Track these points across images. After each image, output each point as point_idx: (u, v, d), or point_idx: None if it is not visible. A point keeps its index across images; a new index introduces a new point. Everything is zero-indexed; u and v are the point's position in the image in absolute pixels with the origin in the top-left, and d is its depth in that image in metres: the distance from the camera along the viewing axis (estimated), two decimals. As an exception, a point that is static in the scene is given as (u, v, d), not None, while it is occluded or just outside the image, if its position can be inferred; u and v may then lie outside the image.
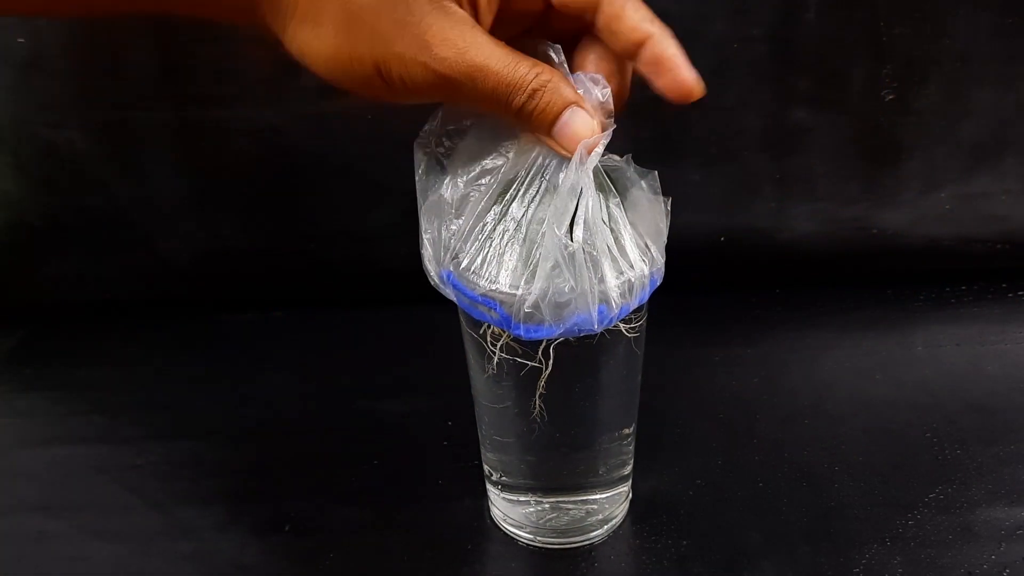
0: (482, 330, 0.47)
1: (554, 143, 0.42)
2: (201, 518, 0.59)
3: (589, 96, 0.42)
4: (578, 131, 0.41)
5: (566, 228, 0.42)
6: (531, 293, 0.42)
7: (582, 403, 0.51)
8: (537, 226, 0.43)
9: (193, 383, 0.73)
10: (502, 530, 0.58)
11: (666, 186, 0.74)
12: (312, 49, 0.41)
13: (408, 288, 0.64)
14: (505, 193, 0.44)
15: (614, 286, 0.44)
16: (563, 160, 0.43)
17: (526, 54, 0.41)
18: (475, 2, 0.41)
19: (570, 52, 0.44)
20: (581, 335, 0.44)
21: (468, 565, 0.56)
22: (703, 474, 0.61)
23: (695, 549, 0.56)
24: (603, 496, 0.56)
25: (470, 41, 0.39)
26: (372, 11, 0.39)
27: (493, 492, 0.58)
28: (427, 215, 0.46)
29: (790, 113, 0.73)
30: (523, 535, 0.57)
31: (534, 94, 0.40)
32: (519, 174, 0.44)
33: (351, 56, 0.40)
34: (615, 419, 0.54)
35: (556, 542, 0.57)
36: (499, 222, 0.44)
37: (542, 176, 0.44)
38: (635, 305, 0.46)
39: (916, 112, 0.72)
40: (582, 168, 0.42)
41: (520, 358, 0.47)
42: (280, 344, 0.77)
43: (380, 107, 0.69)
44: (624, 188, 0.46)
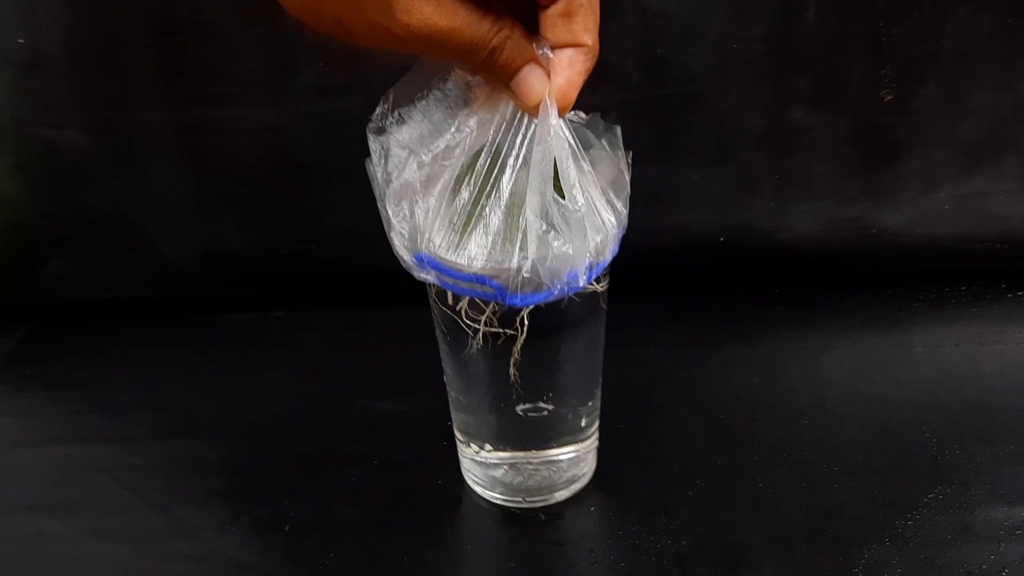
0: (459, 307, 0.48)
1: (511, 94, 0.43)
2: (201, 518, 0.59)
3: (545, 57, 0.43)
4: (534, 86, 0.43)
5: (551, 191, 0.43)
6: (527, 260, 0.43)
7: (557, 364, 0.52)
8: (514, 195, 0.44)
9: (193, 383, 0.73)
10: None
11: (666, 186, 0.75)
12: None
13: (407, 287, 0.64)
14: (472, 166, 0.45)
15: (597, 242, 0.45)
16: (527, 124, 0.44)
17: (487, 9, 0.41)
18: None
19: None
20: (568, 295, 0.45)
21: (468, 565, 0.56)
22: (703, 474, 0.61)
23: (695, 549, 0.56)
24: (574, 454, 0.58)
25: (435, 5, 0.39)
26: None
27: (466, 455, 0.59)
28: (393, 200, 0.46)
29: (789, 113, 0.73)
30: (495, 496, 0.59)
31: (494, 51, 0.41)
32: (484, 146, 0.44)
33: (317, 7, 0.40)
34: (589, 376, 0.56)
35: (530, 501, 0.58)
36: (474, 196, 0.45)
37: (510, 144, 0.44)
38: (611, 259, 0.47)
39: (915, 112, 0.73)
40: (558, 128, 0.43)
41: (498, 328, 0.48)
42: (280, 343, 0.78)
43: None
44: (587, 145, 0.47)
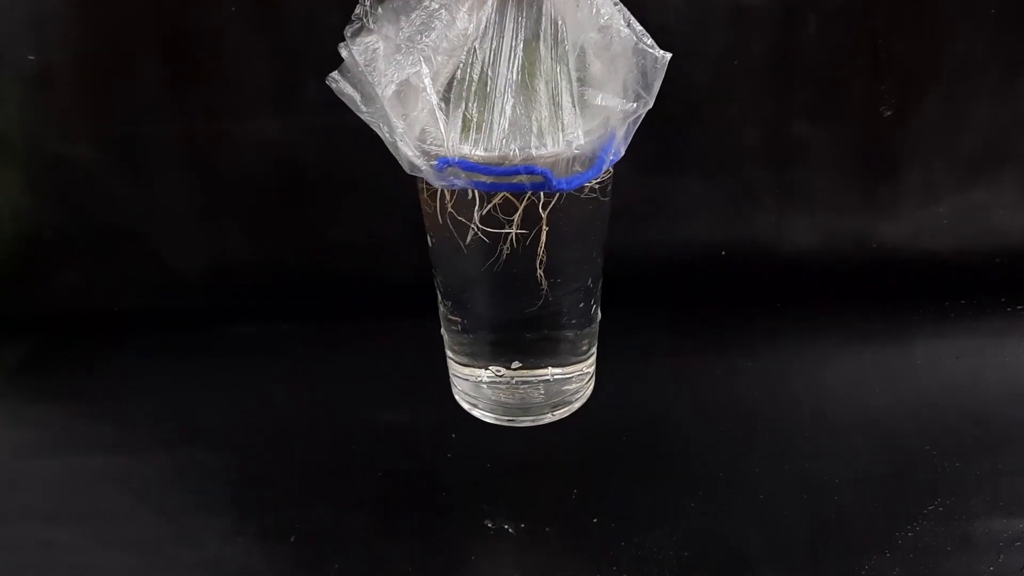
0: (485, 211, 0.46)
1: None
2: (208, 527, 0.60)
3: None
4: None
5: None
6: (576, 138, 0.42)
7: (572, 259, 0.52)
8: (536, 75, 0.42)
9: (200, 393, 0.73)
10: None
11: (667, 199, 0.76)
12: None
13: (413, 299, 0.65)
14: (480, 54, 0.42)
15: (628, 108, 0.45)
16: (535, 4, 0.41)
17: None
18: None
19: None
20: (611, 166, 0.45)
21: (472, 575, 0.56)
22: (704, 484, 0.62)
23: (697, 559, 0.56)
24: (576, 367, 0.58)
25: None
26: None
27: (457, 365, 0.59)
28: (397, 105, 0.42)
29: (790, 126, 0.74)
30: (487, 414, 0.59)
31: None
32: (488, 30, 0.42)
33: None
34: (594, 269, 0.55)
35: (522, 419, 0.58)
36: (492, 85, 0.42)
37: (519, 21, 0.42)
38: (630, 137, 0.46)
39: (914, 126, 0.73)
40: (589, 14, 0.42)
41: (519, 228, 0.47)
42: (286, 355, 0.78)
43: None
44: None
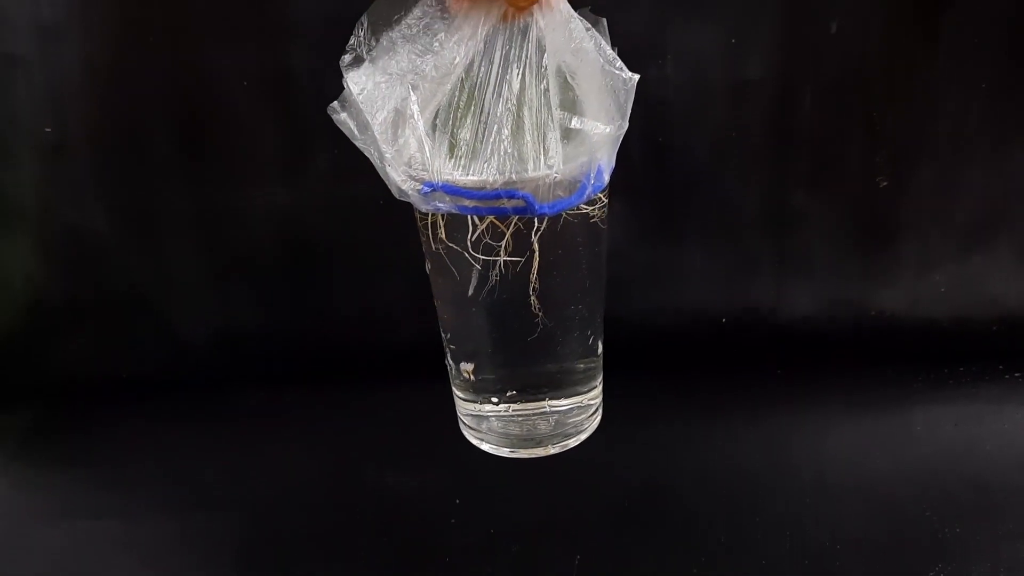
0: (475, 236, 0.46)
1: None
2: (213, 592, 0.60)
3: None
4: None
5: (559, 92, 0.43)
6: (555, 162, 0.43)
7: (565, 287, 0.51)
8: (522, 102, 0.43)
9: (207, 458, 0.73)
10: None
11: (668, 267, 0.77)
12: None
13: (417, 364, 0.66)
14: (468, 82, 0.43)
15: (614, 137, 0.45)
16: (521, 27, 0.42)
17: None
18: None
19: None
20: (595, 194, 0.46)
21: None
22: (707, 550, 0.62)
23: (699, 626, 0.56)
24: (577, 399, 0.57)
25: None
26: None
27: (462, 401, 0.58)
28: (387, 133, 0.43)
29: (788, 196, 0.75)
30: (504, 451, 0.57)
31: None
32: (476, 59, 0.43)
33: None
34: (589, 297, 0.55)
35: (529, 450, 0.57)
36: (477, 111, 0.43)
37: (507, 50, 0.43)
38: (612, 163, 0.47)
39: (910, 194, 0.75)
40: (565, 37, 0.42)
41: (512, 255, 0.47)
42: (291, 420, 0.78)
43: (390, 190, 0.72)
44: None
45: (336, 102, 0.44)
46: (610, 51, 0.46)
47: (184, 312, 0.79)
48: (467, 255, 0.47)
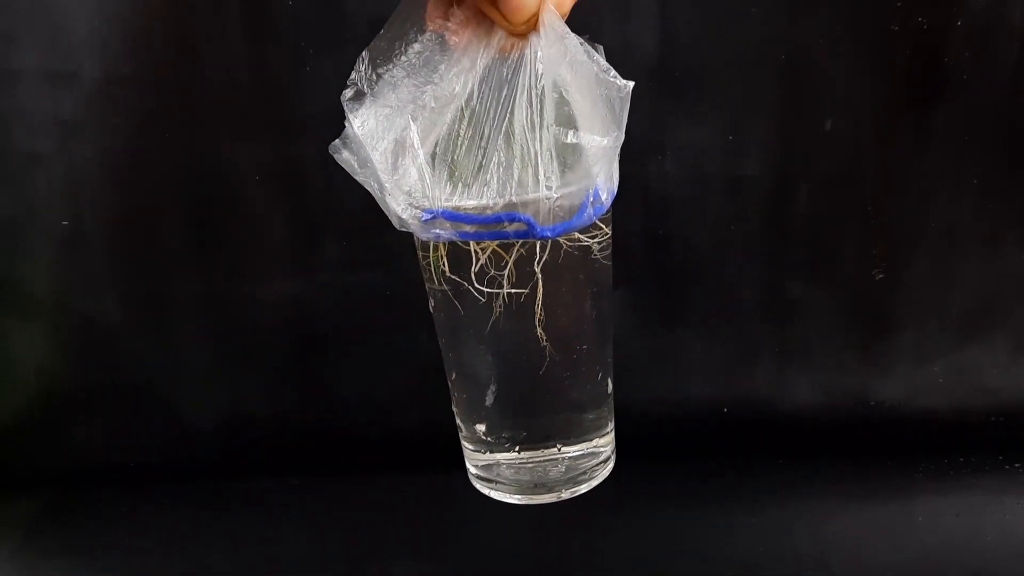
0: (477, 267, 0.46)
1: (496, 13, 0.41)
2: None
3: None
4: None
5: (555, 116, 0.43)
6: (554, 183, 0.43)
7: (571, 320, 0.51)
8: (519, 128, 0.43)
9: (213, 546, 0.73)
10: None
11: (670, 357, 0.78)
12: None
13: (422, 454, 0.66)
14: (467, 111, 0.44)
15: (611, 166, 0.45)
16: (519, 55, 0.43)
17: None
18: None
19: None
20: (596, 218, 0.45)
21: None
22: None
23: None
24: (588, 444, 0.56)
25: None
26: None
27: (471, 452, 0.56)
28: (387, 163, 0.44)
29: (786, 287, 0.77)
30: (514, 498, 0.56)
31: None
32: (475, 88, 0.43)
33: None
34: (596, 331, 0.54)
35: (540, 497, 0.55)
36: (477, 138, 0.44)
37: (503, 78, 0.43)
38: (614, 188, 0.46)
39: (906, 286, 0.76)
40: (561, 51, 0.42)
41: (515, 287, 0.46)
42: (299, 508, 0.78)
43: (398, 281, 0.74)
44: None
45: (338, 140, 0.45)
46: (604, 62, 0.46)
47: (193, 400, 0.80)
48: (472, 289, 0.47)
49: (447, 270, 0.48)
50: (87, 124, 0.71)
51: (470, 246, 0.46)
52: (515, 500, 0.56)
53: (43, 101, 0.70)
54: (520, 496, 0.56)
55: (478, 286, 0.47)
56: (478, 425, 0.56)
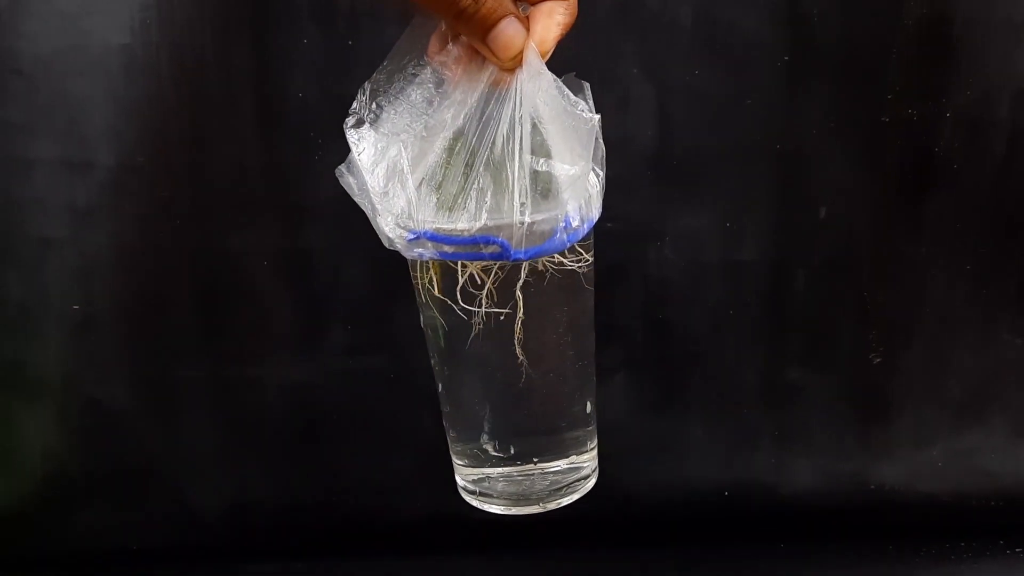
0: (460, 285, 0.48)
1: (487, 50, 0.45)
2: None
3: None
4: (513, 38, 0.44)
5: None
6: (527, 208, 0.45)
7: (550, 340, 0.52)
8: (502, 157, 0.46)
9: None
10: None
11: (670, 441, 0.79)
12: None
13: (424, 537, 0.66)
14: (457, 139, 0.46)
15: (585, 198, 0.48)
16: (508, 90, 0.45)
17: None
18: None
19: None
20: (568, 245, 0.47)
21: None
22: None
23: None
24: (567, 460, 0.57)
25: None
26: None
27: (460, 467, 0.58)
28: (379, 184, 0.46)
29: (785, 372, 0.78)
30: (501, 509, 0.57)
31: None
32: (465, 118, 0.46)
33: None
34: (573, 352, 0.55)
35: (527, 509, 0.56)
36: (462, 164, 0.46)
37: (492, 111, 0.46)
38: (596, 218, 0.49)
39: (903, 371, 0.77)
40: (542, 84, 0.45)
41: (497, 306, 0.48)
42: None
43: (402, 365, 0.75)
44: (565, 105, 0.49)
45: (343, 166, 0.48)
46: (573, 96, 0.49)
47: (197, 484, 0.80)
48: (455, 306, 0.49)
49: (436, 289, 0.50)
50: (100, 211, 0.72)
51: (457, 266, 0.48)
52: (499, 511, 0.57)
53: (58, 189, 0.72)
54: (504, 507, 0.57)
55: (463, 304, 0.49)
56: (463, 440, 0.57)
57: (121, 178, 0.72)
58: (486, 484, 0.58)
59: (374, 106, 0.48)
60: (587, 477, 0.59)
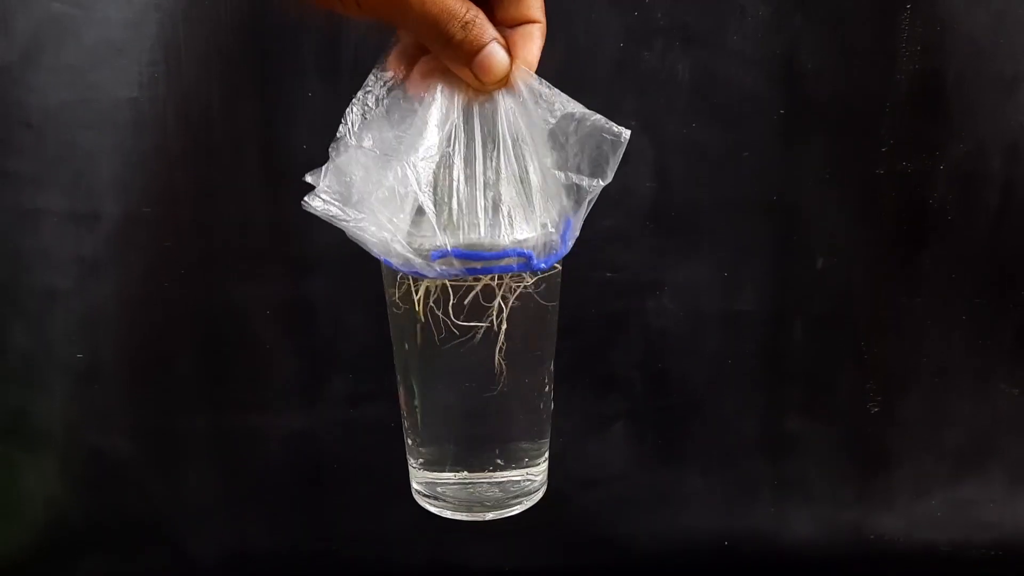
0: (469, 298, 0.49)
1: (470, 75, 0.46)
2: None
3: None
4: (500, 62, 0.45)
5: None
6: (547, 221, 0.47)
7: (526, 350, 0.53)
8: (506, 170, 0.47)
9: None
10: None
11: (670, 491, 0.79)
12: None
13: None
14: (453, 158, 0.47)
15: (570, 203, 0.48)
16: (496, 105, 0.47)
17: None
18: None
19: None
20: (564, 254, 0.49)
21: None
22: None
23: None
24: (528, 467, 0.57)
25: None
26: None
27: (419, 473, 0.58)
28: (386, 209, 0.47)
29: (784, 422, 0.78)
30: (452, 514, 0.57)
31: (466, 26, 0.44)
32: (459, 139, 0.47)
33: None
34: (548, 359, 0.56)
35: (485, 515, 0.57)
36: (477, 184, 0.47)
37: (480, 127, 0.47)
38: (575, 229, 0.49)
39: (901, 421, 0.78)
40: (529, 106, 0.46)
41: (475, 320, 0.49)
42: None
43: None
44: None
45: (322, 194, 0.47)
46: (580, 108, 0.49)
47: (198, 534, 0.80)
48: (449, 320, 0.49)
49: (433, 306, 0.50)
50: (105, 262, 0.73)
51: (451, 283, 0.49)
52: (451, 516, 0.57)
53: (64, 240, 0.73)
54: (456, 513, 0.57)
55: (456, 320, 0.49)
56: (425, 446, 0.57)
57: (127, 229, 0.73)
58: (439, 489, 0.58)
59: (360, 131, 0.48)
60: (538, 489, 0.60)
